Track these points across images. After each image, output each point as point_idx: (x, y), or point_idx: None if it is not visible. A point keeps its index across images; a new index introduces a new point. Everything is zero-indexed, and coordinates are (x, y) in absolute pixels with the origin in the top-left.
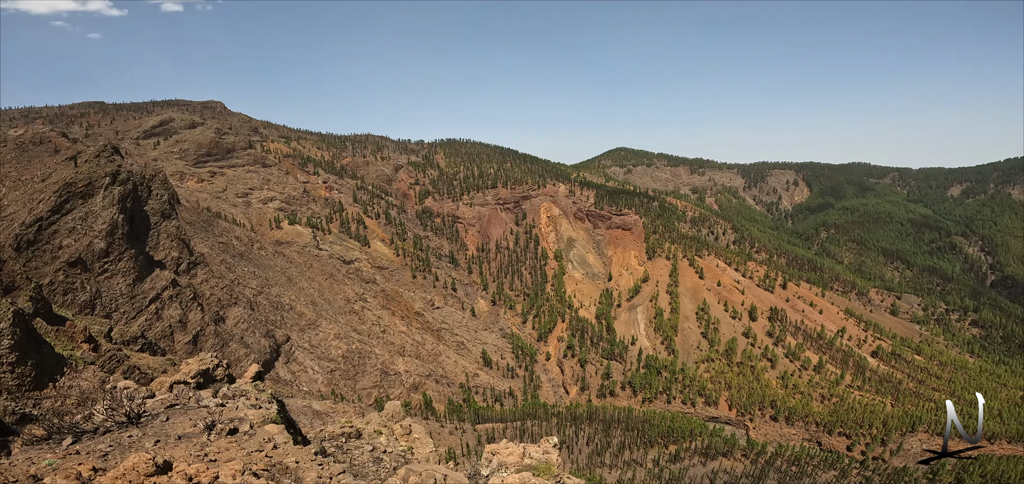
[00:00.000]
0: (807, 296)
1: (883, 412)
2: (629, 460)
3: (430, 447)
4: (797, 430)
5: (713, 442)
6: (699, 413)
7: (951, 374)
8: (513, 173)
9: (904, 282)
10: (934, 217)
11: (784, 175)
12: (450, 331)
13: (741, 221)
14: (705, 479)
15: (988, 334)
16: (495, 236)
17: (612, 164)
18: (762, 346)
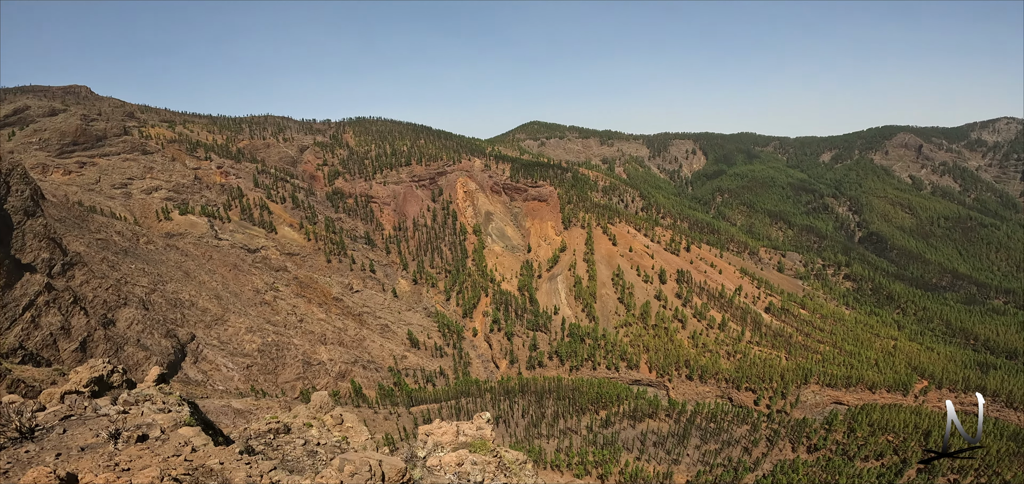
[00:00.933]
0: (708, 257)
1: (780, 366)
2: (565, 429)
3: (365, 435)
4: (710, 387)
5: (639, 405)
6: (623, 377)
7: (832, 326)
8: (427, 149)
9: (787, 240)
10: (809, 181)
11: (684, 144)
12: (372, 314)
13: (648, 189)
14: (635, 441)
15: (859, 287)
16: (412, 214)
17: (526, 137)
18: (673, 308)
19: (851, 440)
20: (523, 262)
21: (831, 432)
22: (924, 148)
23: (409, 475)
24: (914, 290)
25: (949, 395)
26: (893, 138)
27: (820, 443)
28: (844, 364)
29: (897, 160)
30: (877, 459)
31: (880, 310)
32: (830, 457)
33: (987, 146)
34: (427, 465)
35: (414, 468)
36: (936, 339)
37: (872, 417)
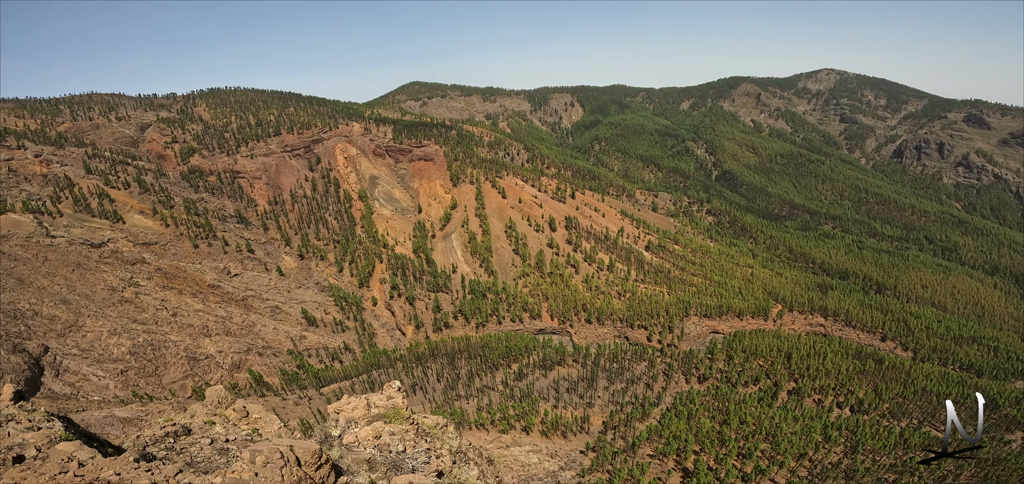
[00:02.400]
0: (591, 202)
1: (664, 301)
2: (481, 387)
3: (277, 424)
4: (607, 329)
5: (547, 354)
6: (528, 328)
7: (701, 259)
8: (299, 117)
9: (658, 181)
10: (672, 127)
11: (562, 98)
12: (259, 297)
13: (531, 141)
14: (550, 389)
15: (719, 220)
16: (288, 186)
17: (407, 98)
18: (565, 254)
19: (731, 367)
20: (415, 223)
21: (714, 361)
22: (762, 96)
23: (326, 456)
24: (762, 220)
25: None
26: (738, 87)
27: (707, 373)
28: (715, 294)
29: (741, 107)
30: (755, 384)
31: (737, 241)
32: (718, 385)
33: (811, 93)
34: (344, 443)
35: (331, 448)
36: (783, 264)
37: (744, 343)
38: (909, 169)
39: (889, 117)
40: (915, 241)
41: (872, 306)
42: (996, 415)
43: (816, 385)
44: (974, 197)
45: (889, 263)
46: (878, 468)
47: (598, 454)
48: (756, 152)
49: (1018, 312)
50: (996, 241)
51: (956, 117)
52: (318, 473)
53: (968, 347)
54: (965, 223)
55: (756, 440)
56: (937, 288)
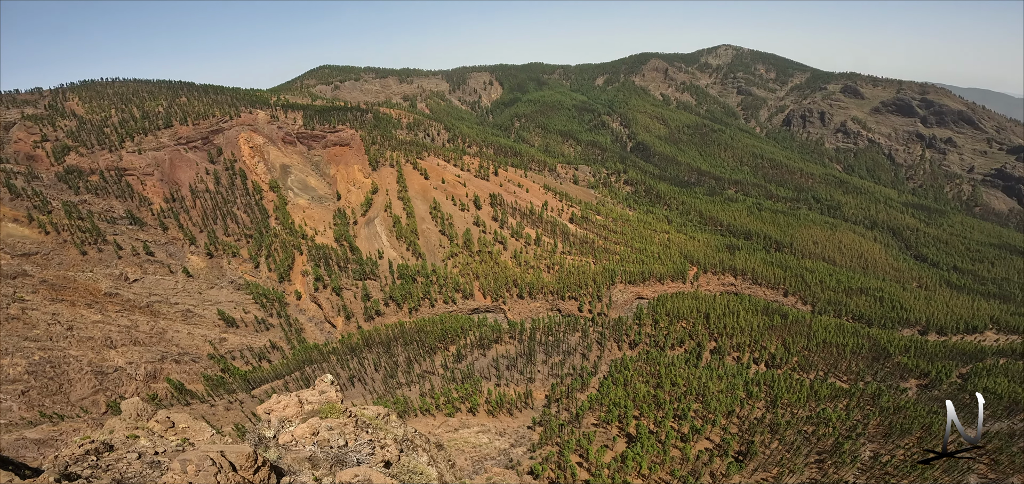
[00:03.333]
0: (515, 179)
1: (591, 271)
2: (422, 372)
3: (209, 431)
4: (539, 302)
5: (484, 333)
6: (461, 308)
7: (622, 227)
8: (193, 107)
9: (577, 155)
10: (588, 102)
11: (481, 77)
12: (166, 302)
13: (451, 121)
14: (490, 368)
15: (636, 189)
16: (186, 181)
17: (317, 83)
18: (492, 232)
19: (657, 331)
20: (335, 211)
21: (642, 326)
22: (669, 71)
23: (261, 458)
24: (674, 188)
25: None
26: (647, 63)
27: (636, 338)
28: (637, 261)
29: (651, 82)
30: (680, 345)
31: (653, 208)
32: (648, 350)
33: (712, 68)
34: (281, 443)
35: (267, 450)
36: (695, 228)
37: (667, 306)
38: (796, 136)
39: (778, 89)
40: (805, 201)
41: (773, 263)
42: (889, 364)
43: (733, 343)
44: (852, 160)
45: (785, 222)
46: (797, 420)
47: (545, 428)
48: (666, 124)
49: (897, 263)
50: (873, 199)
51: (834, 88)
52: (256, 476)
53: (857, 298)
54: (846, 183)
55: (688, 401)
56: (826, 243)
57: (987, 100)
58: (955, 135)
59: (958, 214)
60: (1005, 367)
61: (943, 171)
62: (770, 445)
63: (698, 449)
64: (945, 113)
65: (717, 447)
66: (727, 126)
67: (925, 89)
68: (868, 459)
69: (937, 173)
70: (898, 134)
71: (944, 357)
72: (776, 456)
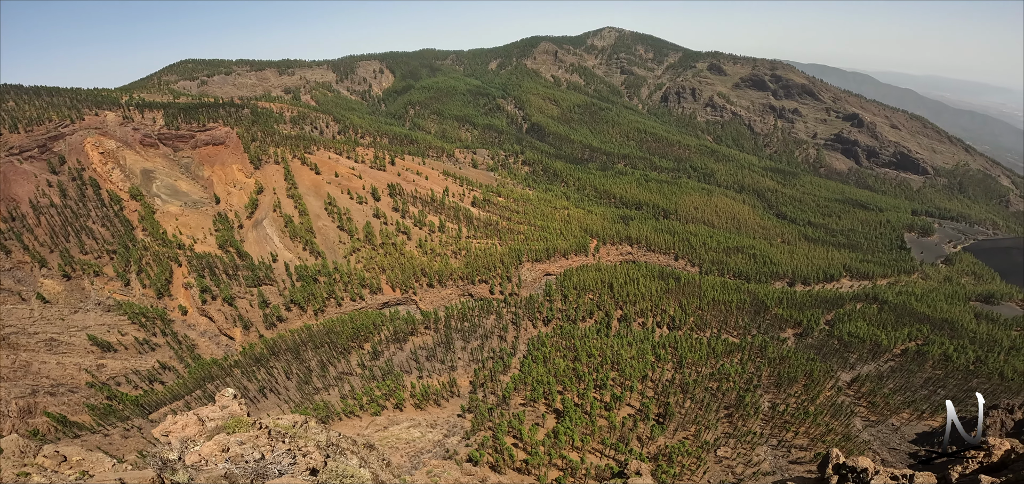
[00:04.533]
0: (413, 167)
1: (497, 253)
2: (338, 374)
3: (109, 461)
4: (451, 289)
5: (397, 326)
6: (371, 304)
7: (524, 207)
8: (24, 112)
9: (475, 139)
10: (483, 86)
11: (371, 65)
12: (23, 332)
13: (341, 112)
14: (409, 361)
15: (534, 169)
16: (24, 196)
17: (179, 78)
18: (394, 222)
19: (568, 305)
20: (214, 216)
21: (553, 302)
22: (559, 53)
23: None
24: (569, 165)
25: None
26: (538, 46)
27: (549, 315)
28: (541, 239)
29: (542, 64)
30: (590, 317)
31: (552, 186)
32: (561, 325)
33: (598, 50)
34: (188, 465)
35: (174, 473)
36: (592, 203)
37: (573, 280)
38: (673, 111)
39: (656, 68)
40: (684, 171)
41: (663, 230)
42: (768, 316)
43: (637, 309)
44: (720, 131)
45: (669, 191)
46: (702, 378)
47: (475, 414)
48: (558, 105)
49: (763, 222)
50: (739, 165)
51: (702, 67)
52: None
53: (735, 256)
54: (716, 152)
55: (605, 370)
56: (705, 208)
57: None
58: (800, 106)
59: (808, 175)
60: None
61: (793, 138)
62: (684, 404)
63: (622, 415)
64: (791, 87)
65: (638, 412)
66: (613, 104)
67: (775, 66)
68: (768, 409)
69: (788, 140)
70: (755, 106)
71: (812, 306)
72: (691, 414)
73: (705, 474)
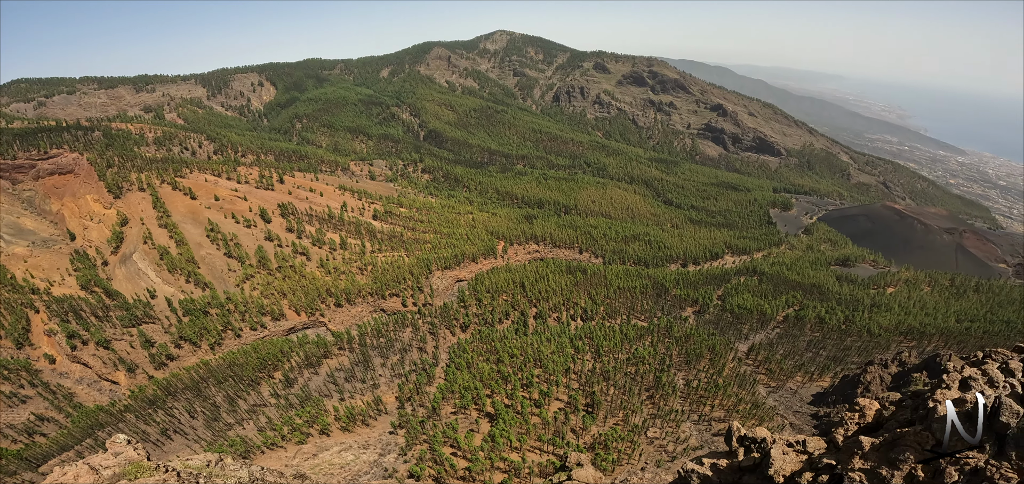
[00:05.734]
0: (305, 184)
1: (405, 264)
2: (251, 407)
3: None
4: (361, 307)
5: (309, 350)
6: (274, 331)
7: (427, 215)
8: None
9: (370, 150)
10: (376, 95)
11: (248, 78)
12: None
13: (216, 130)
14: (327, 384)
15: (434, 177)
16: None
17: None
18: (289, 244)
19: (483, 309)
20: (71, 254)
21: (468, 307)
22: (452, 58)
23: None
24: (470, 170)
25: (519, 247)
26: (431, 52)
27: (466, 321)
28: (448, 246)
29: (436, 70)
30: (507, 318)
31: (454, 192)
32: (479, 329)
33: (490, 53)
34: None
35: None
36: (495, 205)
37: (485, 284)
38: (565, 110)
39: (547, 69)
40: (579, 166)
41: (566, 226)
42: (669, 298)
43: (550, 305)
44: (609, 126)
45: (567, 187)
46: (620, 364)
47: (408, 429)
48: (454, 110)
49: (654, 209)
50: (628, 158)
51: (588, 66)
52: None
53: (633, 244)
54: (607, 147)
55: (529, 368)
56: (601, 201)
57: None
58: (675, 99)
59: (686, 163)
60: (746, 284)
61: (671, 129)
62: (608, 392)
63: (553, 410)
64: (666, 82)
65: (568, 404)
66: (508, 106)
67: (651, 62)
68: (683, 386)
69: (668, 131)
70: (637, 102)
71: (704, 284)
72: (617, 400)
73: (641, 455)
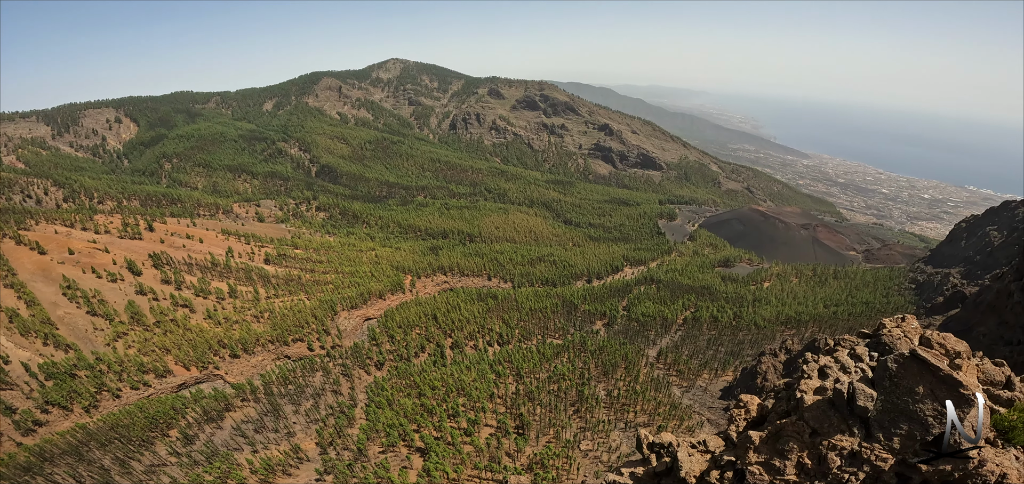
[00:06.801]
0: (181, 231)
1: (307, 308)
2: (149, 467)
3: None
4: (262, 356)
5: (207, 404)
6: (161, 389)
7: (326, 256)
8: None
9: (256, 190)
10: (259, 130)
11: (102, 114)
12: None
13: (65, 174)
14: (235, 438)
15: (331, 214)
16: None
17: None
18: (167, 296)
19: (397, 345)
20: None
21: (380, 345)
22: (343, 88)
23: None
24: (368, 205)
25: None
26: (320, 82)
27: (381, 358)
28: (352, 285)
29: (326, 101)
30: (422, 352)
31: (353, 229)
32: (396, 365)
33: (384, 82)
34: None
35: None
36: (398, 239)
37: (396, 320)
38: (462, 137)
39: (442, 97)
40: (480, 194)
41: (472, 254)
42: (579, 314)
43: (465, 334)
44: (506, 151)
45: (470, 216)
46: (542, 383)
47: (334, 474)
48: (347, 143)
49: (555, 230)
50: (526, 182)
51: (483, 92)
52: None
53: (539, 266)
54: (506, 172)
55: (453, 399)
56: (504, 226)
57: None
58: (566, 121)
59: (581, 182)
60: (646, 293)
61: (564, 150)
62: (535, 412)
63: (484, 436)
64: (557, 104)
65: (498, 429)
66: (405, 137)
67: (542, 86)
68: (605, 396)
69: (561, 153)
70: (531, 125)
71: (609, 297)
72: (546, 419)
73: (579, 469)
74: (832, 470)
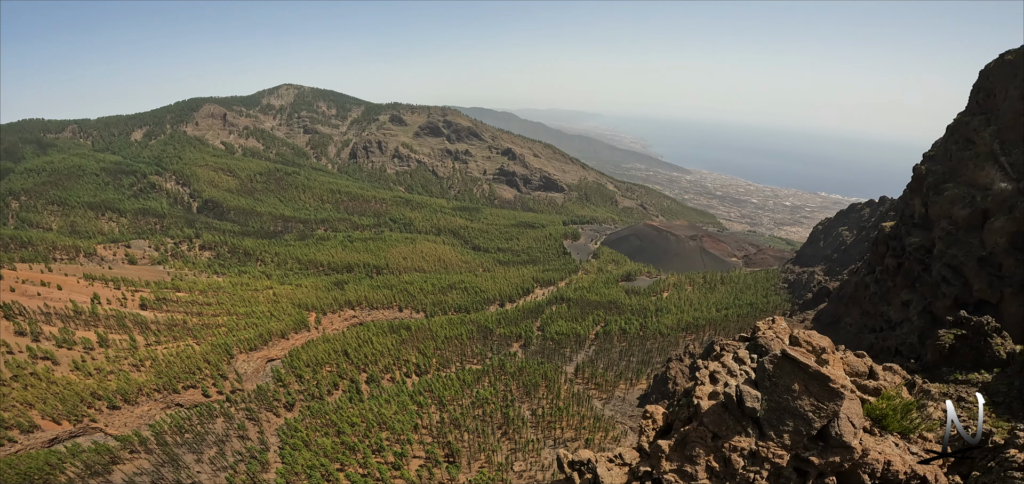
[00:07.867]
0: (34, 278)
1: (197, 353)
2: None
3: None
4: (147, 405)
5: (88, 459)
6: (29, 444)
7: (216, 297)
8: None
9: (124, 230)
10: (126, 162)
11: None
12: None
13: None
14: None
15: (218, 253)
16: None
17: None
18: (24, 349)
19: (307, 384)
20: None
21: (288, 386)
22: (228, 116)
23: None
24: (262, 241)
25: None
26: (200, 109)
27: (290, 399)
28: (249, 326)
29: (207, 130)
30: (336, 389)
31: (246, 267)
32: (307, 405)
33: (276, 109)
34: None
35: None
36: (298, 276)
37: (303, 358)
38: (363, 167)
39: (341, 124)
40: (385, 224)
41: (380, 286)
42: (495, 338)
43: (380, 367)
44: (410, 180)
45: (376, 247)
46: (466, 409)
47: None
48: (235, 175)
49: (464, 257)
50: (432, 210)
51: (384, 119)
52: None
53: (450, 293)
54: (411, 201)
55: (376, 433)
56: (412, 256)
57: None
58: (470, 147)
59: (487, 208)
60: (558, 312)
61: (469, 176)
62: (463, 438)
63: (414, 469)
64: (461, 130)
65: (427, 460)
66: (301, 167)
67: (445, 112)
68: (531, 416)
69: (466, 179)
70: (435, 152)
71: (523, 319)
72: (475, 445)
73: None
74: (739, 471)
